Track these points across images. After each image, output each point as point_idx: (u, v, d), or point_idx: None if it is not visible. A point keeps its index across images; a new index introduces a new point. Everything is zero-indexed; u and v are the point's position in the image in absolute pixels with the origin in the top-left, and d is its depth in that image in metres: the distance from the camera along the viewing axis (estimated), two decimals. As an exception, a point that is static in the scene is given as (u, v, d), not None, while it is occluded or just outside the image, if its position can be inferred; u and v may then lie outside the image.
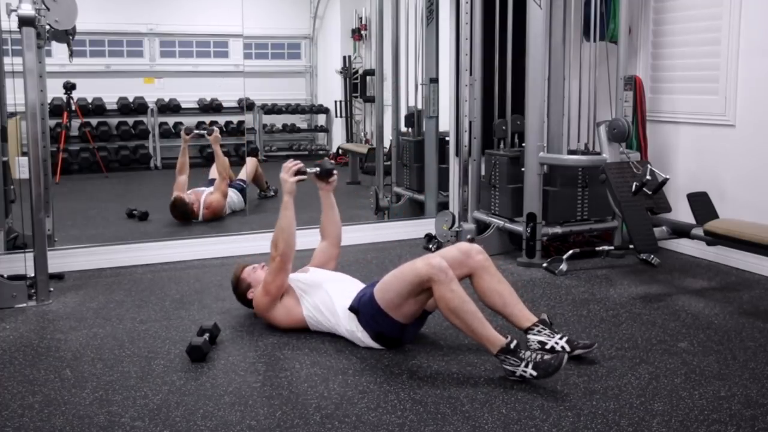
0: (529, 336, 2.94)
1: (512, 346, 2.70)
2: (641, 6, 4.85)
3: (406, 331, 3.06)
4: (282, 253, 3.14)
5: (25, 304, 3.72)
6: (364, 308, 3.03)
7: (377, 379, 2.78)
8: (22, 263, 3.81)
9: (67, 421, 2.46)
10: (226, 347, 3.13)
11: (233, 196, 6.16)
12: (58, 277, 4.12)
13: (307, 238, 4.10)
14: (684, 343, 3.14)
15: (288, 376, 2.82)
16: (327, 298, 3.18)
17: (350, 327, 3.08)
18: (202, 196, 5.94)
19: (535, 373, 2.65)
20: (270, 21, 8.78)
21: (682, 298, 3.82)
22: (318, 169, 3.37)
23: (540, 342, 2.91)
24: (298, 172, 3.25)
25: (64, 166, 7.35)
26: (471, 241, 4.74)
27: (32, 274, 3.76)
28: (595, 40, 4.63)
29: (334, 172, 3.43)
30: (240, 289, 3.44)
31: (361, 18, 8.72)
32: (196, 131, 6.32)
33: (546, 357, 2.67)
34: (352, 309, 3.07)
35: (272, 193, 6.83)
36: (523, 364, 2.67)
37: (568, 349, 2.88)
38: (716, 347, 3.10)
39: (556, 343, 2.90)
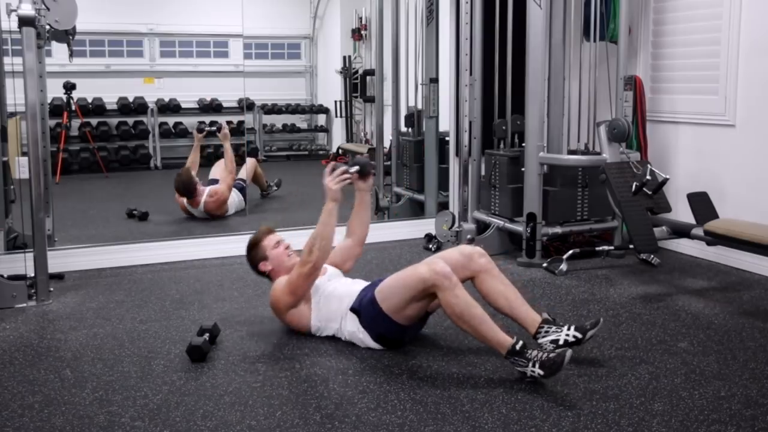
0: (540, 341, 2.91)
1: (518, 347, 2.68)
2: (641, 6, 4.85)
3: (408, 332, 3.06)
4: (315, 261, 3.02)
5: (25, 304, 3.72)
6: (365, 310, 3.02)
7: (377, 379, 2.78)
8: (22, 263, 3.81)
9: (67, 421, 2.46)
10: (226, 347, 3.12)
11: (234, 196, 6.18)
12: (58, 277, 4.12)
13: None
14: (684, 343, 3.14)
15: (288, 376, 2.82)
16: (337, 309, 3.11)
17: (351, 328, 3.07)
18: (207, 188, 5.99)
19: (542, 372, 2.62)
20: (270, 21, 8.78)
21: (682, 298, 3.82)
22: (358, 167, 3.22)
23: (552, 341, 2.88)
24: (342, 175, 3.10)
25: (64, 166, 7.35)
26: (471, 241, 4.74)
27: (32, 274, 3.76)
28: (595, 40, 4.63)
29: (373, 170, 3.35)
30: (254, 255, 3.29)
31: (361, 18, 8.71)
32: (208, 129, 6.54)
33: (551, 355, 2.64)
34: (353, 310, 3.06)
35: (275, 188, 6.86)
36: (530, 364, 2.65)
37: (579, 335, 2.87)
38: (716, 347, 3.09)
39: (567, 335, 2.87)
